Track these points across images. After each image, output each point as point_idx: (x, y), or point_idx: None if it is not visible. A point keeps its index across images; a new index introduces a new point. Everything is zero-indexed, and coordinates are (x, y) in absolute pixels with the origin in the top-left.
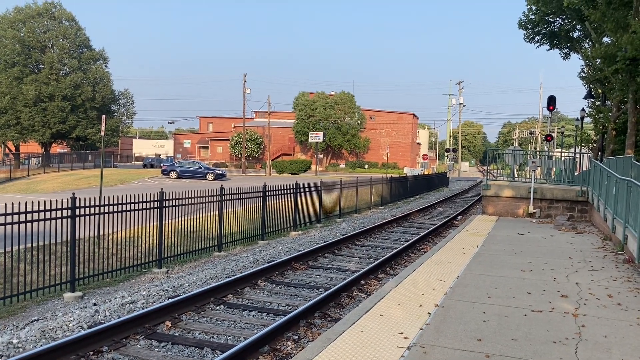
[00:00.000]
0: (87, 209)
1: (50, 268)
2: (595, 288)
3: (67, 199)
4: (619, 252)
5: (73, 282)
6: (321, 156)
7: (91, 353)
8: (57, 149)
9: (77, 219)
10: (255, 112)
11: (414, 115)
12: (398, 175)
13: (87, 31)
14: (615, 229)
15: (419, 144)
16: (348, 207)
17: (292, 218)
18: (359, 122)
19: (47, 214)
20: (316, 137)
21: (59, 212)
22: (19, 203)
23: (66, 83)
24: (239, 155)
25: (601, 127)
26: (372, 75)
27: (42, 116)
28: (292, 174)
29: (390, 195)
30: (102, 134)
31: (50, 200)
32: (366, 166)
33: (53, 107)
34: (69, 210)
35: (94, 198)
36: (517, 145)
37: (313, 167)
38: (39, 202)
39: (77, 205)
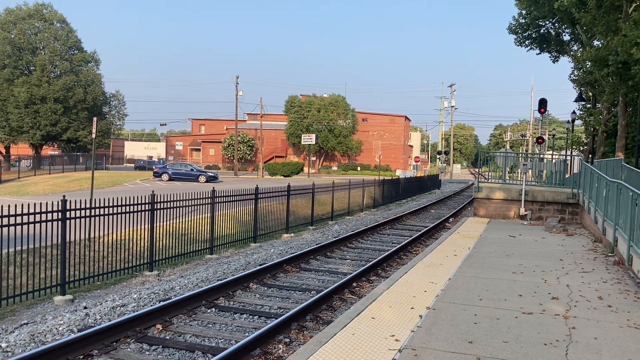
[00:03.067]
0: (78, 212)
1: (40, 271)
2: (585, 290)
3: (58, 202)
4: (610, 254)
5: (63, 285)
6: (314, 158)
7: (81, 357)
8: (48, 151)
9: (68, 221)
10: (247, 114)
11: (406, 118)
12: (390, 178)
13: (78, 33)
14: (606, 231)
15: (411, 146)
16: (340, 210)
17: (285, 220)
18: (351, 124)
19: (38, 216)
20: (309, 139)
21: (49, 215)
22: (9, 205)
23: (58, 85)
24: (232, 158)
25: (592, 130)
26: (364, 78)
27: (32, 118)
28: (284, 176)
29: (382, 198)
30: (93, 136)
31: (41, 203)
32: (358, 168)
33: (45, 110)
34: (60, 213)
35: (85, 200)
36: (508, 147)
37: (305, 169)
38: (29, 204)
39: (68, 207)
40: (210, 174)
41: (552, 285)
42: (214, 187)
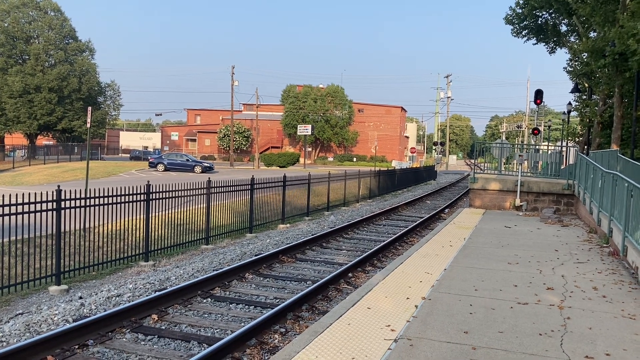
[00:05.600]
0: (73, 202)
1: (35, 261)
2: (580, 280)
3: (53, 192)
4: (604, 245)
5: (58, 275)
6: (310, 149)
7: (76, 347)
8: (42, 141)
9: (63, 211)
10: (243, 104)
11: (403, 109)
12: (386, 169)
13: (72, 22)
14: (601, 221)
15: (407, 137)
16: (336, 200)
17: (281, 211)
18: (348, 115)
19: (32, 206)
20: (305, 130)
21: (44, 205)
22: (3, 195)
23: (53, 75)
24: (227, 148)
25: (587, 121)
26: (360, 69)
27: (28, 107)
28: (280, 167)
29: (378, 189)
30: (88, 125)
31: (35, 193)
32: (354, 159)
33: (40, 99)
34: (54, 203)
35: (80, 190)
36: (504, 138)
37: (301, 160)
38: (23, 194)
39: (63, 197)
40: (206, 164)
41: (547, 275)
42: (209, 178)
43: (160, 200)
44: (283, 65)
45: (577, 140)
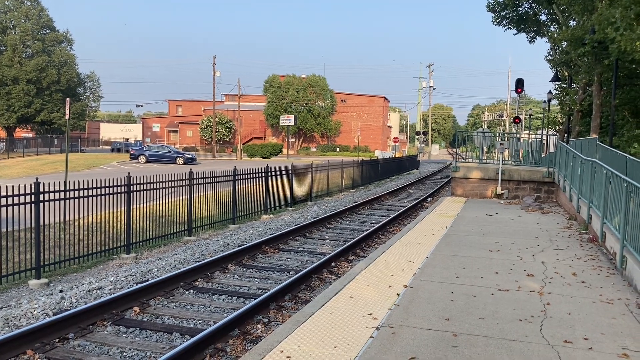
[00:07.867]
0: (52, 194)
1: (14, 255)
2: (560, 267)
3: (31, 184)
4: (584, 232)
5: (38, 269)
6: (293, 140)
7: (56, 340)
8: (21, 133)
9: (42, 204)
10: (225, 95)
11: (385, 99)
12: (369, 159)
13: (50, 12)
14: (580, 209)
15: (390, 127)
16: (319, 191)
17: (264, 202)
18: (330, 105)
19: (10, 199)
20: (287, 120)
21: (22, 198)
22: None
23: (30, 66)
24: (210, 139)
25: (567, 110)
26: (343, 58)
27: (5, 100)
28: (263, 157)
29: (361, 178)
30: (67, 117)
31: (14, 186)
32: (338, 149)
33: (18, 91)
34: (33, 196)
35: (59, 183)
36: (486, 127)
37: (284, 150)
38: (0, 187)
39: (42, 190)
40: (188, 155)
41: (528, 262)
42: (191, 169)
43: (142, 192)
44: (265, 56)
45: (557, 128)
